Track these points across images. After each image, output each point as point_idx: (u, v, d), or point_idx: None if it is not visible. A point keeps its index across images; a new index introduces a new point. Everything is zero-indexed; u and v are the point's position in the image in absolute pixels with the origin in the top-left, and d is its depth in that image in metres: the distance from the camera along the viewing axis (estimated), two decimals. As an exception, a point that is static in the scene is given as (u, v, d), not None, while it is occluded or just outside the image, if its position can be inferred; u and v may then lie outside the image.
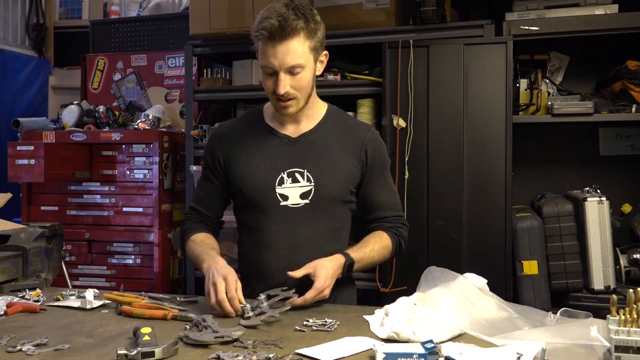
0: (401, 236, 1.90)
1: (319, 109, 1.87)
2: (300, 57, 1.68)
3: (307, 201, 1.76)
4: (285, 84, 1.69)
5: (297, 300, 1.61)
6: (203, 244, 1.82)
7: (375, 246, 1.82)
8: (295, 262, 1.74)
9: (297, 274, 1.66)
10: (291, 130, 1.83)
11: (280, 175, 1.77)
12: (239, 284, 1.62)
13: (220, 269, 1.63)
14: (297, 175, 1.78)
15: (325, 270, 1.66)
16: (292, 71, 1.69)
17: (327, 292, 1.66)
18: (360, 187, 1.86)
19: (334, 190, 1.79)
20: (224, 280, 1.58)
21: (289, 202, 1.77)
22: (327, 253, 1.76)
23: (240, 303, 1.57)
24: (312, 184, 1.77)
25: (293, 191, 1.77)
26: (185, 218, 1.96)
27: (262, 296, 1.59)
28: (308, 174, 1.77)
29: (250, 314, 1.53)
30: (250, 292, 1.85)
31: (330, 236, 1.81)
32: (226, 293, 1.57)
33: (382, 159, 1.89)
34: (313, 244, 1.78)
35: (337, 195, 1.79)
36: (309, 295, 1.62)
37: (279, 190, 1.77)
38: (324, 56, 1.79)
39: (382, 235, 1.86)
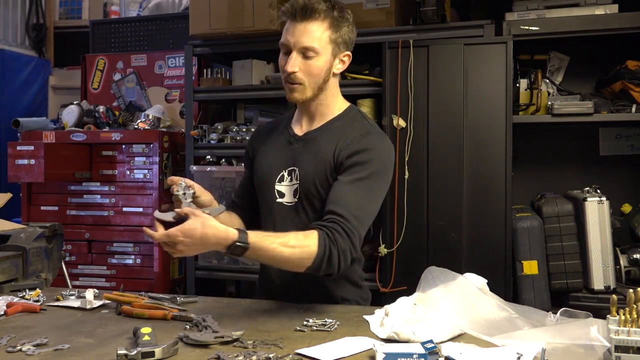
0: (334, 241, 1.55)
1: (335, 109, 1.78)
2: (316, 41, 1.66)
3: (296, 200, 1.73)
4: (295, 64, 1.67)
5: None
6: None
7: (290, 241, 1.52)
8: None
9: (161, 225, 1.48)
10: (303, 129, 1.80)
11: (281, 173, 1.76)
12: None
13: None
14: (292, 173, 1.75)
15: (192, 230, 1.43)
16: (305, 54, 1.67)
17: (173, 249, 1.46)
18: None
19: (315, 189, 1.70)
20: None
21: (284, 200, 1.76)
22: None
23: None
24: (298, 182, 1.73)
25: (288, 189, 1.76)
26: None
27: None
28: (298, 172, 1.74)
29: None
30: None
31: None
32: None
33: (360, 160, 1.65)
34: None
35: (322, 192, 1.68)
36: (157, 235, 1.46)
37: (277, 187, 1.76)
38: (345, 56, 1.74)
39: (309, 233, 1.56)
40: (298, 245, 1.52)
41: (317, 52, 1.66)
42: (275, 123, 1.93)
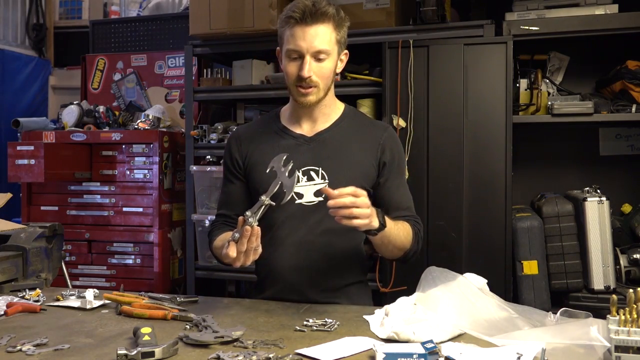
0: (419, 231, 1.80)
1: (336, 109, 1.87)
2: (327, 43, 1.70)
3: (321, 199, 1.73)
4: (310, 68, 1.70)
5: (328, 191, 1.49)
6: (224, 239, 1.71)
7: (399, 225, 1.71)
8: (307, 261, 1.76)
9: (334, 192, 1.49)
10: (307, 130, 1.83)
11: (296, 174, 1.76)
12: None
13: None
14: (312, 173, 1.76)
15: (365, 198, 1.51)
16: (317, 56, 1.71)
17: (357, 212, 1.49)
18: (377, 188, 1.81)
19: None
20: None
21: (303, 200, 1.76)
22: (340, 252, 1.78)
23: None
24: (327, 181, 1.75)
25: (308, 189, 1.76)
26: (209, 229, 1.89)
27: (248, 213, 1.50)
28: (323, 171, 1.76)
29: (251, 219, 1.49)
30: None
31: (343, 236, 1.78)
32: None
33: (399, 158, 1.85)
34: (326, 242, 1.77)
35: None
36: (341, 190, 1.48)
37: (294, 188, 1.74)
38: (344, 55, 1.82)
39: (403, 222, 1.76)
40: (405, 229, 1.74)
41: (329, 53, 1.72)
42: (259, 126, 1.91)
